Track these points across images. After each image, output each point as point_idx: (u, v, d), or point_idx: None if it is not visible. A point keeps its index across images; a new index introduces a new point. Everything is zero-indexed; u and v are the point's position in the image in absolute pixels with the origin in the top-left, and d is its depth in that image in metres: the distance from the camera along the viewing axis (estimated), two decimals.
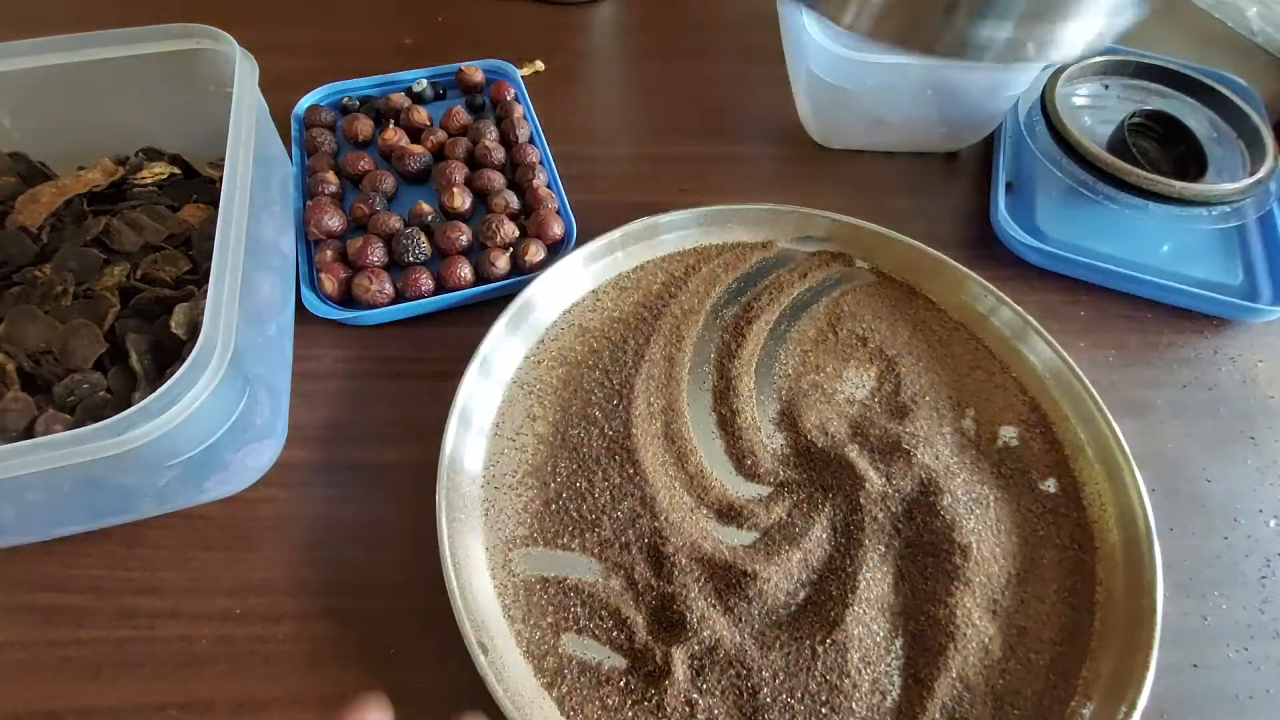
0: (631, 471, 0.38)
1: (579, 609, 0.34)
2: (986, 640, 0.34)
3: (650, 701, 0.32)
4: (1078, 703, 0.32)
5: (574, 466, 0.38)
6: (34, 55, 0.40)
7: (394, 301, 0.44)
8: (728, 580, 0.35)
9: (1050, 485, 0.39)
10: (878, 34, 0.22)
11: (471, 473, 0.38)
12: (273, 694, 0.33)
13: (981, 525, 0.37)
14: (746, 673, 0.33)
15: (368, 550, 0.37)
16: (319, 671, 0.33)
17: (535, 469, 0.38)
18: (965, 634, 0.33)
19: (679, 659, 0.32)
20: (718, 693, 0.32)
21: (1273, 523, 0.39)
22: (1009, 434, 0.40)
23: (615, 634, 0.34)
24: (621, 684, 0.32)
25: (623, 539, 0.36)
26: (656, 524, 0.36)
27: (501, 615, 0.34)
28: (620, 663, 0.33)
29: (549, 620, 0.34)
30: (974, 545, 0.36)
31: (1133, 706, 0.31)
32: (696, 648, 0.33)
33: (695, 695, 0.32)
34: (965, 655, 0.33)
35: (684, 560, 0.35)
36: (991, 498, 0.38)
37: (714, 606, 0.34)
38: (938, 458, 0.39)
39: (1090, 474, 0.38)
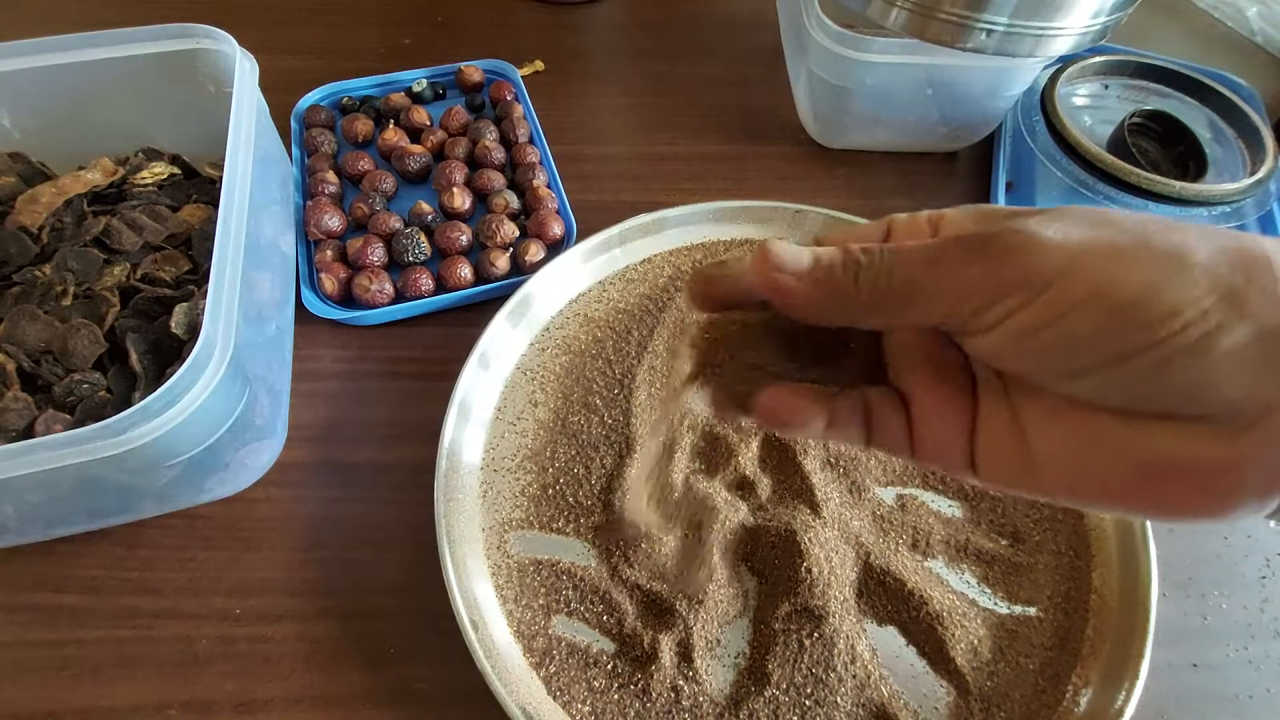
0: (629, 460, 0.38)
1: (570, 592, 0.35)
2: (976, 641, 0.34)
3: (636, 685, 0.32)
4: (1065, 708, 0.32)
5: (572, 453, 0.38)
6: (34, 55, 0.40)
7: (394, 301, 0.44)
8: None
9: None
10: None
11: (471, 456, 0.38)
12: (273, 694, 0.33)
13: (976, 527, 0.37)
14: (733, 661, 0.33)
15: (367, 550, 0.37)
16: (319, 671, 0.33)
17: (534, 454, 0.39)
18: (954, 634, 0.33)
19: (666, 645, 0.33)
20: (703, 680, 0.32)
21: (1273, 523, 0.39)
22: None
23: (605, 618, 0.34)
24: (609, 667, 0.33)
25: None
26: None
27: (494, 594, 0.34)
28: (609, 646, 0.33)
29: (540, 602, 0.34)
30: (968, 546, 0.36)
31: (1120, 714, 0.31)
32: (684, 634, 0.33)
33: (681, 681, 0.32)
34: (954, 655, 0.33)
35: None
36: (988, 502, 0.38)
37: (704, 595, 0.34)
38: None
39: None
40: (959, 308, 0.15)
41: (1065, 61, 0.53)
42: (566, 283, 0.44)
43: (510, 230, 0.46)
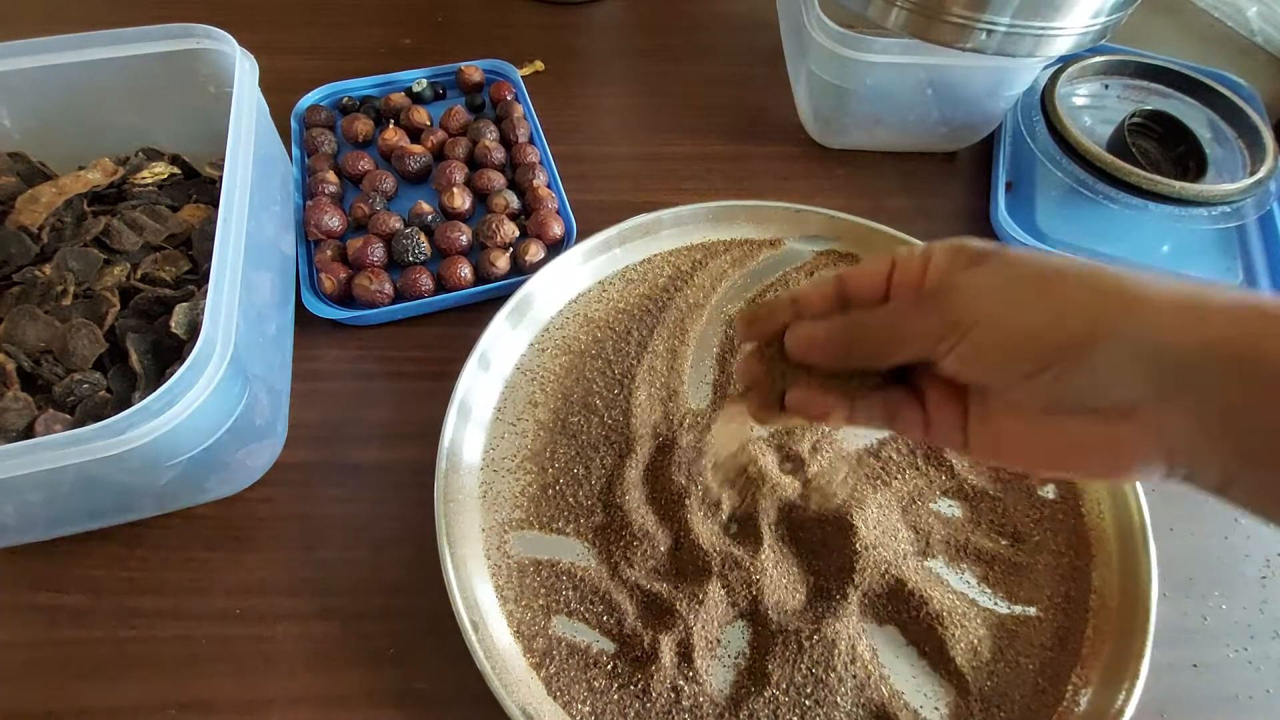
0: (629, 460, 0.38)
1: (570, 592, 0.35)
2: (976, 642, 0.34)
3: (636, 685, 0.32)
4: (1065, 708, 0.32)
5: (572, 453, 0.38)
6: (34, 55, 0.40)
7: (394, 301, 0.44)
8: (718, 570, 0.35)
9: (1049, 491, 0.38)
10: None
11: (471, 456, 0.38)
12: (273, 694, 0.33)
13: (976, 527, 0.37)
14: (733, 662, 0.33)
15: (368, 550, 0.37)
16: (319, 671, 0.33)
17: (534, 454, 0.39)
18: (954, 634, 0.33)
19: (666, 645, 0.33)
20: (703, 680, 0.32)
21: (1272, 523, 0.39)
22: None
23: (605, 619, 0.34)
24: (609, 667, 0.33)
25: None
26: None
27: (494, 595, 0.34)
28: (609, 647, 0.33)
29: (540, 602, 0.34)
30: (968, 546, 0.36)
31: (1120, 714, 0.31)
32: (684, 634, 0.33)
33: (681, 681, 0.32)
34: (954, 655, 0.33)
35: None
36: (988, 502, 0.38)
37: (703, 595, 0.34)
38: (936, 459, 0.39)
39: (1091, 481, 0.38)
40: (924, 346, 0.22)
41: (1065, 61, 0.53)
42: (566, 283, 0.44)
43: (510, 230, 0.46)
